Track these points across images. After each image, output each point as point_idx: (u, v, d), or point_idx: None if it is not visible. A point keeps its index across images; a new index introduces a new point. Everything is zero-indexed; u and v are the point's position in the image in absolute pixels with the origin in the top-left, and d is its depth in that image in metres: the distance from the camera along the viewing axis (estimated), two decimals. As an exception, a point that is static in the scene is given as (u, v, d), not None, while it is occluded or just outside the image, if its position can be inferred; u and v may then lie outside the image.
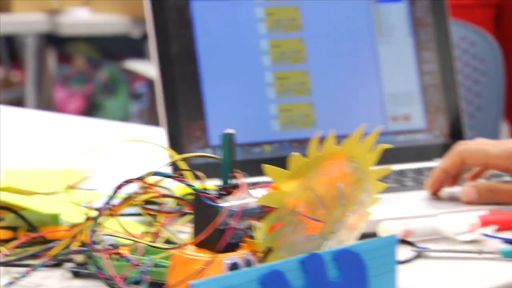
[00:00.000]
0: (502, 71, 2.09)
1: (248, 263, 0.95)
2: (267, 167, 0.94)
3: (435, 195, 1.27)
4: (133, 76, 4.84)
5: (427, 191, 1.27)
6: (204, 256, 0.94)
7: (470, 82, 2.07)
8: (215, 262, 0.94)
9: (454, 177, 1.27)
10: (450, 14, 1.43)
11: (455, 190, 1.26)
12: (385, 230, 1.13)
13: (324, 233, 0.97)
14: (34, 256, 1.05)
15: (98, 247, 0.98)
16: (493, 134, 2.05)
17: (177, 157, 1.05)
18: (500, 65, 2.08)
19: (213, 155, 1.15)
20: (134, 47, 4.18)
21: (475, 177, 1.29)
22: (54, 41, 3.82)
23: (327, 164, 0.97)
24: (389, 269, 0.98)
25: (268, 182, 0.98)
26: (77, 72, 5.07)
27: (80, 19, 3.36)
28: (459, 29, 2.01)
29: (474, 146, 1.25)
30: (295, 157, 0.95)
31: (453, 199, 1.26)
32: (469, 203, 1.23)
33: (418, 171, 1.36)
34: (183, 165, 1.04)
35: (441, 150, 1.40)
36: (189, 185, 0.98)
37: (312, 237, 0.96)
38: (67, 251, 1.03)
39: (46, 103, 3.78)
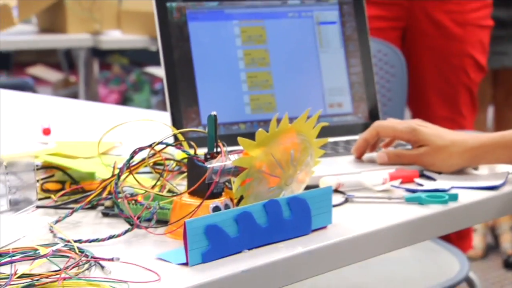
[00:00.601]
0: (406, 74, 2.07)
1: (227, 207, 0.93)
2: (240, 139, 0.93)
3: (359, 158, 1.25)
4: (153, 78, 4.81)
5: (353, 156, 1.25)
6: (195, 201, 0.92)
7: (383, 81, 2.05)
8: (203, 206, 0.92)
9: (372, 146, 1.25)
10: (369, 33, 1.41)
11: (373, 155, 1.24)
12: (324, 183, 1.10)
13: (280, 185, 0.96)
14: (75, 201, 1.02)
15: (120, 195, 0.96)
16: (400, 117, 2.03)
17: (176, 131, 1.03)
18: (404, 70, 2.07)
19: (200, 130, 1.12)
20: (153, 57, 4.15)
21: (386, 145, 1.27)
22: (98, 54, 3.78)
23: (283, 137, 0.95)
24: (327, 210, 0.97)
25: (241, 151, 0.96)
26: (114, 76, 5.03)
27: (115, 38, 3.32)
28: (376, 44, 1.99)
29: (386, 123, 1.23)
30: (259, 132, 0.94)
31: (372, 161, 1.24)
32: (382, 164, 1.21)
33: (347, 142, 1.33)
34: (181, 137, 1.01)
35: (363, 127, 1.37)
36: (184, 151, 0.96)
37: (272, 189, 0.95)
38: (98, 198, 1.00)
39: (93, 97, 3.74)
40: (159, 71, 4.10)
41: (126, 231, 0.93)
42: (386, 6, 2.21)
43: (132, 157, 0.95)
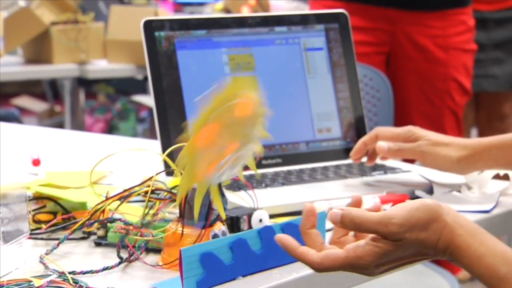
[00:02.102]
0: (391, 98, 2.08)
1: (224, 234, 0.93)
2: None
3: (356, 161, 1.26)
4: (139, 106, 4.80)
5: (342, 181, 1.25)
6: (190, 230, 0.92)
7: (370, 105, 2.06)
8: (201, 234, 0.92)
9: (371, 155, 1.25)
10: (356, 59, 1.42)
11: (368, 179, 1.24)
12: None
13: (236, 150, 0.89)
14: (64, 228, 1.01)
15: (112, 229, 0.95)
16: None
17: (163, 155, 1.03)
18: (390, 94, 2.08)
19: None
20: (139, 86, 4.16)
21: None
22: (83, 83, 3.77)
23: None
24: (321, 233, 0.96)
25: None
26: (99, 105, 5.02)
27: (101, 67, 3.32)
28: (362, 69, 2.00)
29: (385, 127, 1.25)
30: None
31: (362, 186, 1.23)
32: (381, 153, 1.21)
33: (337, 166, 1.33)
34: (173, 165, 1.00)
35: (352, 152, 1.38)
36: None
37: (229, 156, 0.88)
38: (86, 224, 0.99)
39: (79, 127, 3.73)
40: (146, 99, 4.11)
41: (120, 263, 0.92)
42: (370, 32, 2.23)
43: (125, 198, 0.95)
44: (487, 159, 1.15)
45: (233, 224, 1.03)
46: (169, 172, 1.09)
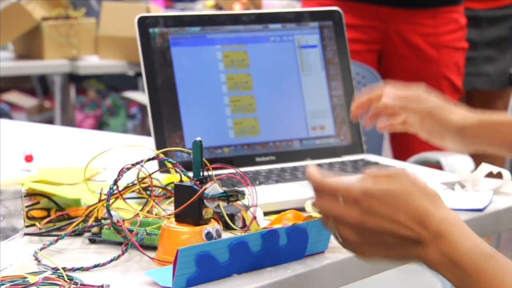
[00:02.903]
0: (384, 95, 2.08)
1: (218, 232, 0.93)
2: None
3: (354, 118, 1.25)
4: (129, 102, 4.79)
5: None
6: (184, 228, 0.92)
7: (362, 103, 2.06)
8: (194, 232, 0.91)
9: (373, 113, 1.23)
10: (349, 57, 1.42)
11: None
12: (309, 206, 1.10)
13: None
14: (60, 228, 1.01)
15: (105, 223, 0.95)
16: (379, 139, 2.04)
17: (158, 151, 1.03)
18: (382, 92, 2.08)
19: (186, 150, 1.11)
20: (130, 82, 4.15)
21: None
22: (74, 79, 3.76)
23: None
24: (325, 237, 0.96)
25: (227, 175, 0.96)
26: (90, 101, 5.01)
27: (91, 63, 3.31)
28: (354, 67, 2.00)
29: (393, 86, 1.21)
30: None
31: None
32: (388, 100, 1.17)
33: (331, 164, 1.34)
34: (169, 165, 1.00)
35: (346, 149, 1.38)
36: (183, 171, 0.94)
37: None
38: (83, 226, 0.99)
39: (69, 123, 3.72)
40: (137, 96, 4.10)
41: (112, 260, 0.92)
42: (362, 29, 2.23)
43: (118, 176, 0.95)
44: (493, 134, 1.09)
45: (228, 221, 1.03)
46: (164, 170, 1.09)
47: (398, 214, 0.78)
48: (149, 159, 0.95)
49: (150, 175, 0.98)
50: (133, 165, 0.95)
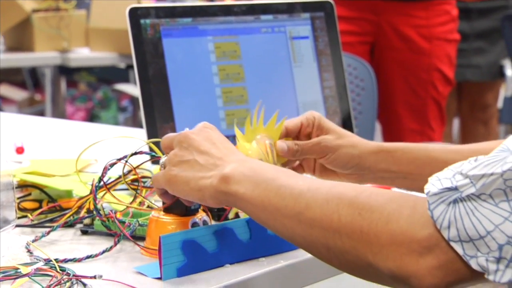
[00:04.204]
0: (375, 87, 2.09)
1: (205, 223, 0.93)
2: (236, 129, 1.03)
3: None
4: (121, 95, 4.79)
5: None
6: (171, 219, 0.92)
7: (354, 94, 2.07)
8: (181, 223, 0.92)
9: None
10: (341, 48, 1.42)
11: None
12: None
13: None
14: (52, 220, 1.01)
15: (100, 212, 0.95)
16: (370, 130, 2.05)
17: (148, 141, 1.03)
18: (374, 84, 2.09)
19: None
20: (121, 74, 4.14)
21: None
22: (65, 71, 3.75)
23: (259, 136, 1.03)
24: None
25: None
26: (81, 93, 5.00)
27: (82, 55, 3.31)
28: (346, 59, 2.01)
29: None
30: (247, 122, 1.02)
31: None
32: (283, 154, 1.06)
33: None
34: (159, 153, 1.00)
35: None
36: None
37: None
38: (76, 218, 0.99)
39: (60, 115, 3.71)
40: (128, 88, 4.09)
41: (104, 251, 0.92)
42: (355, 21, 2.24)
43: (104, 170, 0.95)
44: (391, 160, 1.04)
45: (220, 213, 1.03)
46: (155, 160, 1.09)
47: (220, 145, 0.88)
48: (132, 154, 0.95)
49: (135, 168, 0.98)
50: (118, 160, 0.95)
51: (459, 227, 0.70)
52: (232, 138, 1.30)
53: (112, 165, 0.95)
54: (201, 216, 0.93)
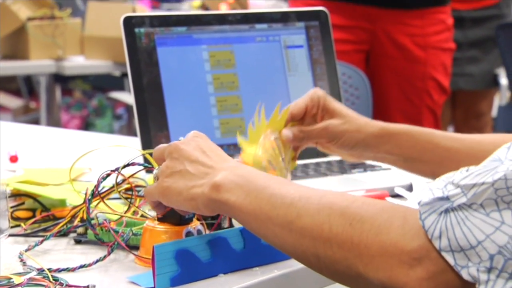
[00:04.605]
0: (370, 96, 2.09)
1: (199, 232, 0.93)
2: (238, 137, 1.01)
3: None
4: (116, 102, 4.78)
5: (322, 180, 1.25)
6: (166, 228, 0.92)
7: (349, 103, 2.07)
8: (175, 232, 0.91)
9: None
10: (336, 57, 1.42)
11: (348, 176, 1.24)
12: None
13: (278, 169, 1.00)
14: (45, 229, 1.01)
15: (94, 221, 0.95)
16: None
17: (143, 151, 1.03)
18: (368, 92, 2.09)
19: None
20: (116, 82, 4.14)
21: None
22: (60, 79, 3.75)
23: (264, 135, 1.02)
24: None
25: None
26: (76, 101, 4.99)
27: (77, 63, 3.31)
28: (341, 67, 2.01)
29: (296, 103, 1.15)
30: (250, 129, 1.01)
31: (342, 183, 1.24)
32: (288, 140, 1.06)
33: (317, 164, 1.34)
34: (155, 165, 1.00)
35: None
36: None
37: None
38: (69, 226, 0.99)
39: (55, 123, 3.71)
40: (123, 96, 4.09)
41: (98, 260, 0.92)
42: (350, 30, 2.24)
43: (99, 182, 0.95)
44: (394, 143, 1.05)
45: (213, 221, 1.03)
46: (149, 169, 1.09)
47: (212, 153, 0.87)
48: (124, 166, 0.95)
49: (128, 178, 0.98)
50: (112, 171, 0.95)
51: (450, 237, 0.70)
52: (227, 147, 1.30)
53: (104, 177, 0.95)
54: (195, 225, 0.93)
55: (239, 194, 0.81)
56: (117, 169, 0.95)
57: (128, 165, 0.95)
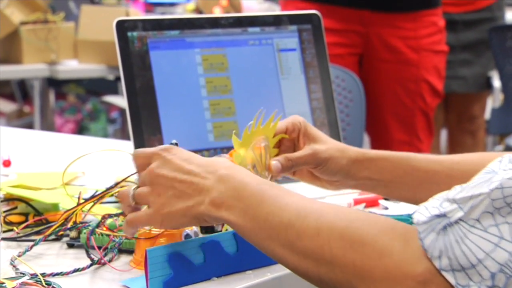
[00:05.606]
0: (364, 99, 2.09)
1: (196, 234, 0.93)
2: (233, 137, 1.01)
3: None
4: (110, 106, 4.78)
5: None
6: (160, 231, 0.92)
7: (342, 106, 2.07)
8: (173, 235, 0.91)
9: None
10: (329, 60, 1.42)
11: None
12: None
13: (260, 175, 0.99)
14: (38, 233, 1.01)
15: (85, 230, 0.95)
16: (359, 142, 2.05)
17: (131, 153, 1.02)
18: (362, 95, 2.09)
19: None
20: (110, 86, 4.14)
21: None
22: (53, 83, 3.74)
23: (255, 139, 1.02)
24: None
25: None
26: (69, 105, 4.98)
27: (71, 67, 3.30)
28: (334, 70, 2.01)
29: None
30: (245, 131, 1.02)
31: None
32: (276, 173, 1.05)
33: (310, 167, 1.33)
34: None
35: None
36: None
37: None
38: (59, 230, 0.99)
39: (49, 127, 3.70)
40: (117, 100, 4.09)
41: (91, 264, 0.92)
42: (342, 33, 2.24)
43: (97, 199, 0.95)
44: (374, 168, 1.03)
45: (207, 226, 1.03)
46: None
47: (190, 165, 0.84)
48: (118, 183, 0.95)
49: (121, 181, 0.97)
50: (115, 185, 0.95)
51: (450, 256, 0.69)
52: (220, 150, 1.30)
53: (102, 196, 0.95)
54: (192, 227, 0.93)
55: (236, 213, 0.80)
56: (116, 185, 0.95)
57: (119, 182, 0.95)
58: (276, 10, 3.50)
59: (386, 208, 1.15)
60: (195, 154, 0.86)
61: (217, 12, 3.69)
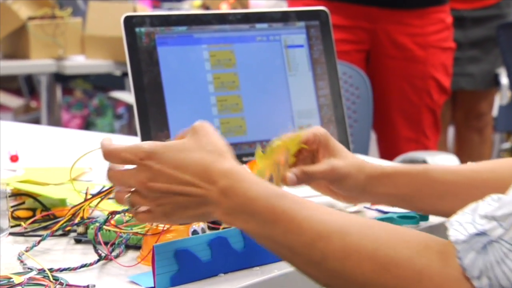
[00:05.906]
0: (371, 96, 2.09)
1: (203, 230, 0.93)
2: (257, 150, 1.00)
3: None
4: (116, 102, 4.78)
5: None
6: (168, 227, 0.92)
7: (349, 103, 2.07)
8: (181, 230, 0.92)
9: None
10: (336, 56, 1.42)
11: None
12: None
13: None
14: (45, 228, 1.01)
15: (92, 226, 0.95)
16: (366, 138, 2.05)
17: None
18: (369, 92, 2.09)
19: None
20: (117, 82, 4.14)
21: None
22: (60, 79, 3.75)
23: (277, 153, 1.02)
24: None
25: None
26: (76, 100, 4.99)
27: (78, 63, 3.30)
28: (341, 67, 2.01)
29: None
30: (270, 145, 1.02)
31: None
32: (292, 185, 1.04)
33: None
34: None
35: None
36: None
37: None
38: (66, 225, 0.99)
39: (55, 123, 3.71)
40: (123, 96, 4.09)
41: (99, 260, 0.92)
42: (350, 30, 2.24)
43: (104, 196, 0.95)
44: (391, 184, 1.02)
45: (214, 221, 1.03)
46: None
47: (184, 174, 0.79)
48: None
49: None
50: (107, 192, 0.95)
51: (490, 276, 0.68)
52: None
53: (106, 194, 0.95)
54: (199, 223, 0.93)
55: (254, 225, 0.77)
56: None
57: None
58: (283, 7, 3.49)
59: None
60: (178, 156, 0.81)
61: (224, 8, 3.69)
